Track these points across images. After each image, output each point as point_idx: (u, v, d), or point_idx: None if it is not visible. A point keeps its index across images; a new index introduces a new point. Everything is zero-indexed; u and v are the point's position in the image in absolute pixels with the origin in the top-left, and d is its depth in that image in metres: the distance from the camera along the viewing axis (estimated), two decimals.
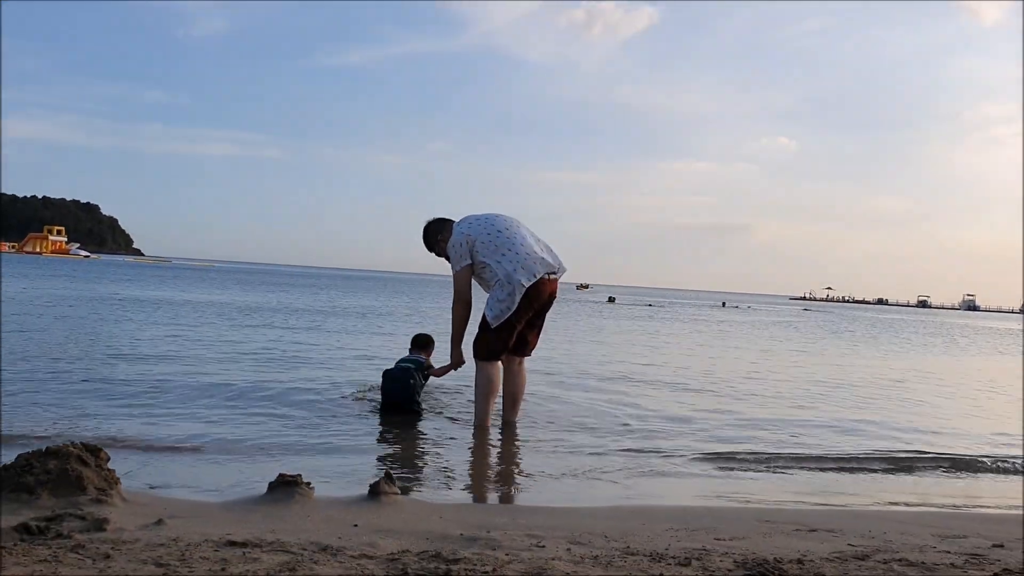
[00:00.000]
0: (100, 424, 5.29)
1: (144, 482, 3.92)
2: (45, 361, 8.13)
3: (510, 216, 5.96)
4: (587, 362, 11.39)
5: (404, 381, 6.17)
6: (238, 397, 6.64)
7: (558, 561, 2.65)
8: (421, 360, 6.46)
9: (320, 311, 21.68)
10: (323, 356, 10.39)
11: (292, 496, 3.62)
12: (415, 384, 6.17)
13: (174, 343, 10.92)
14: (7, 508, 3.17)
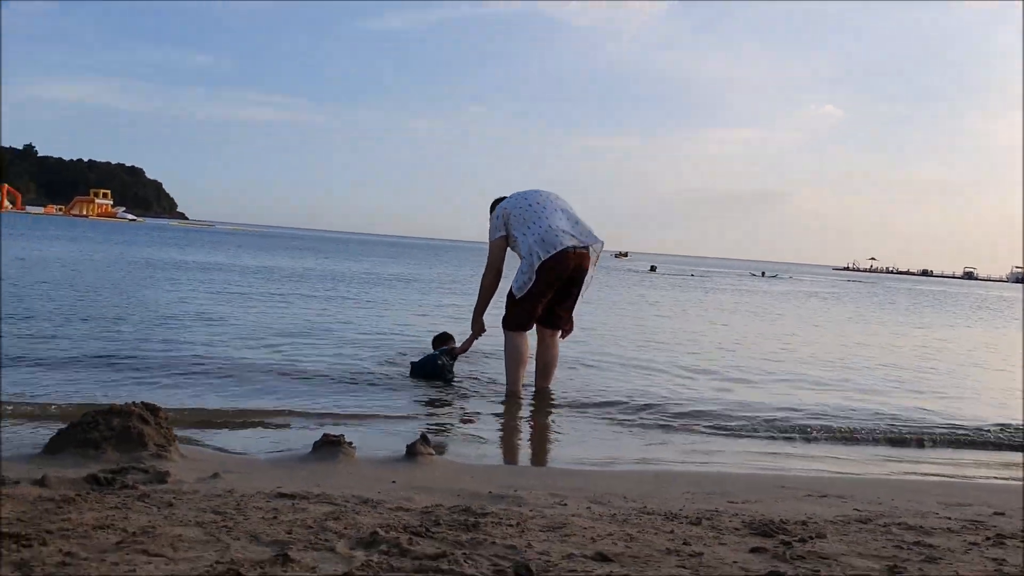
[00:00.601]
0: (146, 391, 5.62)
1: (197, 442, 4.20)
2: (103, 323, 8.51)
3: (550, 192, 6.16)
4: (625, 331, 11.58)
5: (432, 359, 6.45)
6: (280, 364, 6.94)
7: (578, 517, 2.89)
8: (444, 349, 6.68)
9: (360, 278, 22.05)
10: (361, 323, 10.69)
11: (335, 455, 3.90)
12: (443, 363, 6.42)
13: (222, 306, 11.30)
14: (75, 462, 3.47)
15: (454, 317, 11.45)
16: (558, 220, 5.94)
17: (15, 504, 2.63)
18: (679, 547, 2.53)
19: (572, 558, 2.34)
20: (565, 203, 6.16)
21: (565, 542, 2.52)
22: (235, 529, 2.51)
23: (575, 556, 2.36)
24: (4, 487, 2.90)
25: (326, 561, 2.23)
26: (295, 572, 2.09)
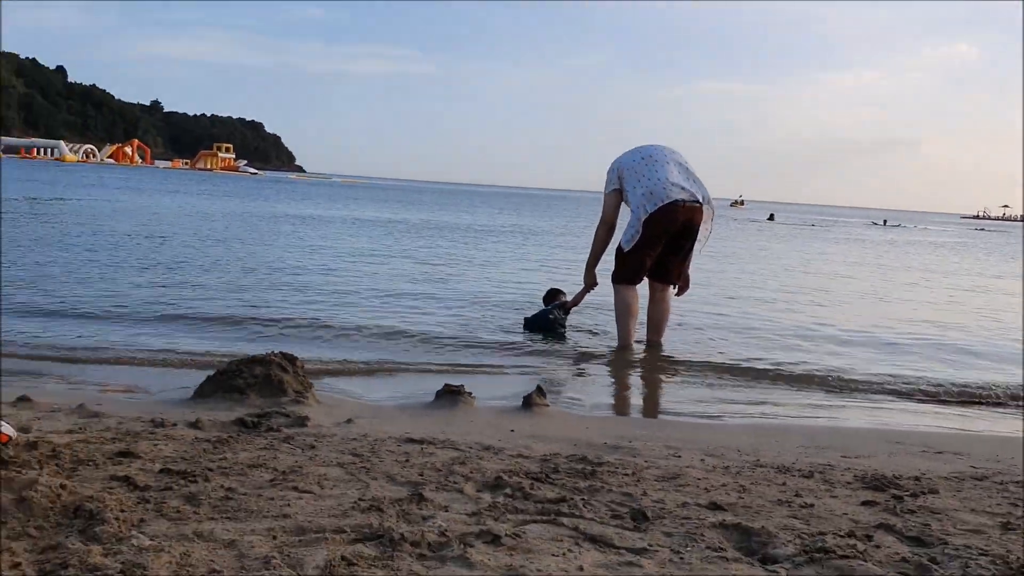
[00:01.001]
0: (276, 344, 5.97)
1: (330, 389, 4.48)
2: (236, 274, 9.01)
3: (666, 146, 6.18)
4: (743, 284, 11.50)
5: (544, 314, 6.58)
6: (399, 317, 7.24)
7: (691, 469, 3.00)
8: (556, 304, 6.78)
9: (474, 230, 22.37)
10: (476, 277, 10.94)
11: (456, 403, 4.11)
12: (555, 317, 6.54)
13: (343, 261, 11.74)
14: (223, 406, 3.78)
15: (568, 271, 11.59)
16: (669, 173, 5.95)
17: (176, 444, 2.91)
18: (791, 498, 2.63)
19: (686, 506, 2.47)
20: (680, 157, 6.16)
21: (679, 491, 2.64)
22: (372, 470, 2.73)
23: (689, 504, 2.49)
24: (164, 429, 3.21)
25: (456, 501, 2.41)
26: (429, 511, 2.29)
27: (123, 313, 6.44)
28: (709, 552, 2.08)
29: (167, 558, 1.77)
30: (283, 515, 2.18)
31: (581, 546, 2.07)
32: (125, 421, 3.30)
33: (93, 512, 2.02)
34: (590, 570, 1.92)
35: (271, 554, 1.88)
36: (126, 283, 8.11)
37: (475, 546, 2.01)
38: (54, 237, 12.45)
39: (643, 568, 1.95)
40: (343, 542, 1.99)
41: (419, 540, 2.00)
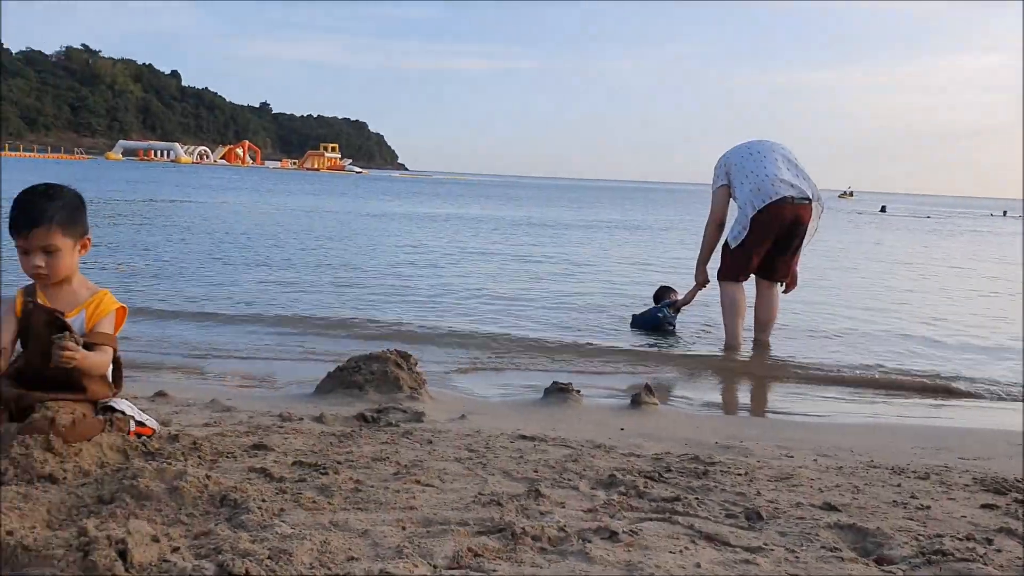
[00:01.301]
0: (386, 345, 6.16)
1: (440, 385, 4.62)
2: (346, 271, 9.31)
3: (775, 142, 6.12)
4: (855, 280, 11.24)
5: (654, 313, 6.58)
6: (505, 313, 7.36)
7: (804, 469, 3.01)
8: (667, 303, 6.76)
9: (578, 226, 22.42)
10: (582, 274, 11.01)
11: (565, 401, 4.20)
12: (664, 316, 6.53)
13: (451, 259, 11.97)
14: (343, 401, 3.96)
15: (675, 269, 11.54)
16: (777, 169, 5.89)
17: (305, 438, 3.08)
18: (906, 500, 2.61)
19: (800, 506, 2.49)
20: (789, 152, 6.08)
21: (793, 492, 2.66)
22: (488, 466, 2.83)
23: (803, 504, 2.50)
24: (291, 423, 3.39)
25: (572, 498, 2.49)
26: (547, 507, 2.37)
27: (243, 311, 6.75)
28: (824, 552, 2.10)
29: (309, 545, 1.90)
30: (410, 507, 2.30)
31: (697, 544, 2.12)
32: (255, 415, 3.49)
33: (237, 501, 2.18)
34: (707, 567, 1.97)
35: (403, 544, 1.99)
36: (244, 282, 8.48)
37: (593, 542, 2.08)
38: (175, 237, 13.08)
39: (759, 566, 1.99)
40: (468, 534, 2.09)
41: (539, 534, 2.09)
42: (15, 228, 2.64)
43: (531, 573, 1.90)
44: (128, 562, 1.74)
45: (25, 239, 2.63)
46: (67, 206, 2.69)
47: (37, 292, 2.74)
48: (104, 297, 2.79)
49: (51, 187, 2.72)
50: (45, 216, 2.62)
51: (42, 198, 2.66)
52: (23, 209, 2.64)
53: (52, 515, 2.07)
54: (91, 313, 2.74)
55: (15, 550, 1.75)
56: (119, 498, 2.13)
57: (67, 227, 2.67)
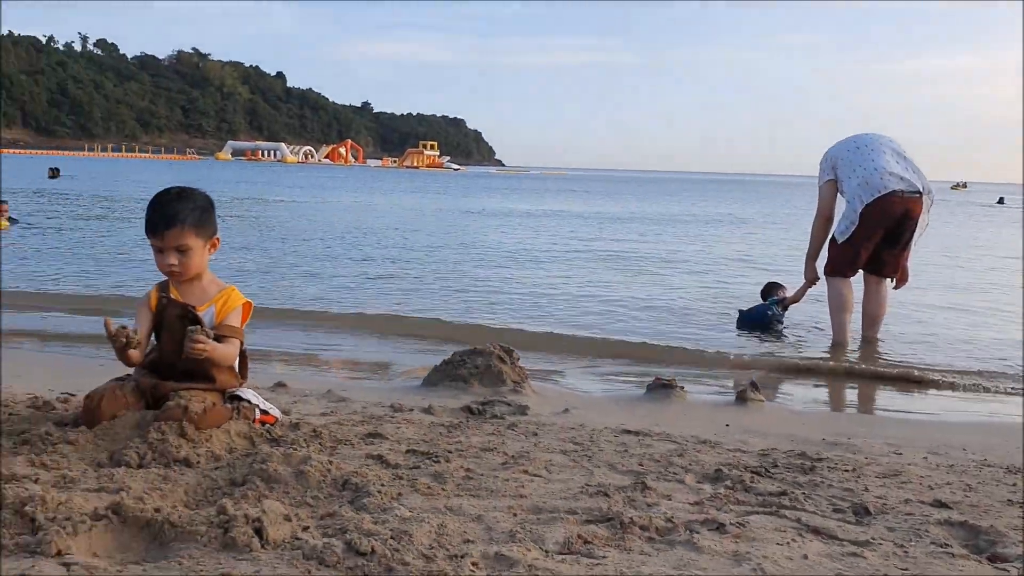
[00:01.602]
0: None
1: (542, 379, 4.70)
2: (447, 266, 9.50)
3: (882, 135, 5.99)
4: (967, 276, 10.88)
5: (762, 310, 6.49)
6: (608, 310, 7.41)
7: (914, 466, 2.97)
8: (774, 300, 6.66)
9: (682, 220, 22.24)
10: (689, 268, 10.95)
11: (669, 396, 4.22)
12: (773, 314, 6.43)
13: (554, 258, 12.07)
14: (450, 394, 4.08)
15: (771, 263, 11.36)
16: (885, 163, 5.76)
17: (416, 428, 3.20)
18: (1022, 499, 2.57)
19: (909, 503, 2.47)
20: (897, 145, 5.95)
21: (902, 488, 2.64)
22: (594, 458, 2.89)
23: (912, 501, 2.49)
24: (402, 413, 3.52)
25: (678, 491, 2.53)
26: (653, 499, 2.42)
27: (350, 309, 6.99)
28: (934, 548, 2.10)
29: (427, 528, 2.00)
30: (519, 495, 2.38)
31: (804, 537, 2.14)
32: (368, 406, 3.64)
33: (358, 486, 2.30)
34: (814, 559, 1.99)
35: (515, 529, 2.07)
36: (350, 278, 8.75)
37: (701, 533, 2.13)
38: (287, 235, 13.55)
39: (867, 560, 2.00)
40: (577, 522, 2.16)
41: (647, 524, 2.15)
42: (151, 228, 2.83)
43: (640, 560, 1.96)
44: (264, 539, 1.87)
45: (160, 239, 2.82)
46: (198, 208, 2.87)
47: (170, 288, 2.93)
48: (232, 293, 2.96)
49: (184, 190, 2.90)
50: (179, 218, 2.80)
51: (176, 200, 2.84)
52: (158, 211, 2.83)
53: (189, 496, 2.22)
54: (220, 307, 2.91)
55: (162, 525, 1.90)
56: (250, 481, 2.27)
57: (198, 228, 2.85)
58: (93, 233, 12.93)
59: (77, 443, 2.57)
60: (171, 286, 2.94)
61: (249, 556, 1.83)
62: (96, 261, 9.50)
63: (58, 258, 9.65)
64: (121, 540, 1.88)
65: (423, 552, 1.89)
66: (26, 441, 2.61)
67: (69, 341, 5.42)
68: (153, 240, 2.86)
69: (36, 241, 11.33)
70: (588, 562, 1.92)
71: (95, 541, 1.85)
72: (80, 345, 5.26)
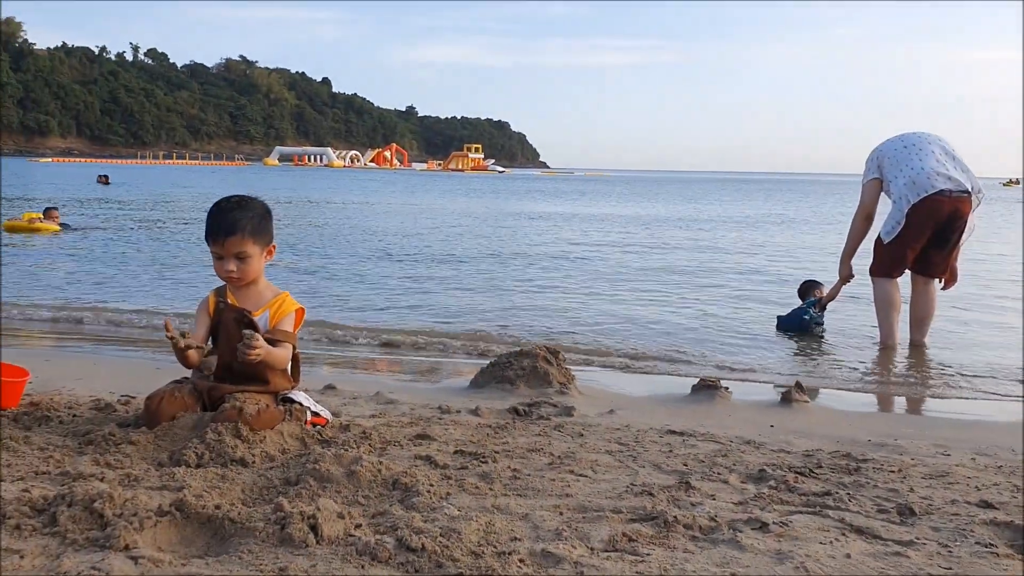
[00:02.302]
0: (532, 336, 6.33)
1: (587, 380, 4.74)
2: (490, 266, 9.57)
3: (931, 134, 5.93)
4: None
5: (798, 315, 6.43)
6: (654, 313, 7.42)
7: (961, 467, 2.97)
8: (812, 301, 6.59)
9: (728, 221, 22.10)
10: (730, 271, 10.90)
11: (713, 397, 4.24)
12: (811, 317, 6.37)
13: (599, 253, 12.10)
14: (497, 395, 4.14)
15: (821, 264, 11.27)
16: (933, 162, 5.70)
17: (463, 430, 3.26)
18: None
19: (955, 503, 2.47)
20: (946, 144, 5.87)
21: (948, 489, 2.64)
22: (639, 458, 2.93)
23: (958, 502, 2.49)
24: (450, 415, 3.59)
25: (722, 491, 2.57)
26: (697, 498, 2.46)
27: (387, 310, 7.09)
28: (979, 548, 2.10)
29: (475, 525, 2.06)
30: (565, 495, 2.43)
31: (847, 536, 2.16)
32: (416, 408, 3.71)
33: (408, 485, 2.36)
34: (857, 558, 2.02)
35: (561, 527, 2.13)
36: (392, 280, 8.87)
37: (744, 531, 2.16)
38: (338, 238, 13.74)
39: (910, 559, 2.02)
40: (621, 521, 2.21)
41: (691, 523, 2.18)
42: (212, 235, 2.94)
43: (683, 558, 1.99)
44: (319, 535, 1.94)
45: (220, 246, 2.92)
46: (256, 216, 2.97)
47: (227, 293, 3.03)
48: (286, 298, 3.05)
49: (243, 199, 3.00)
50: (238, 226, 2.90)
51: (236, 209, 2.94)
52: (219, 219, 2.93)
53: (246, 494, 2.31)
54: (274, 312, 3.01)
55: (222, 521, 1.99)
56: (303, 480, 2.35)
57: (256, 236, 2.95)
58: (145, 238, 13.24)
59: (139, 443, 2.68)
60: (228, 291, 3.04)
61: (305, 551, 1.91)
62: (144, 269, 9.75)
63: (112, 265, 9.92)
64: (184, 535, 1.97)
65: (471, 549, 1.95)
66: (90, 441, 2.72)
67: (124, 344, 5.58)
68: (213, 247, 2.96)
69: (86, 246, 11.65)
70: (632, 559, 1.97)
71: (160, 536, 1.94)
72: (139, 348, 5.42)
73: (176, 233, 14.49)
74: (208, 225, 2.95)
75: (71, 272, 9.07)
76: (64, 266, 9.55)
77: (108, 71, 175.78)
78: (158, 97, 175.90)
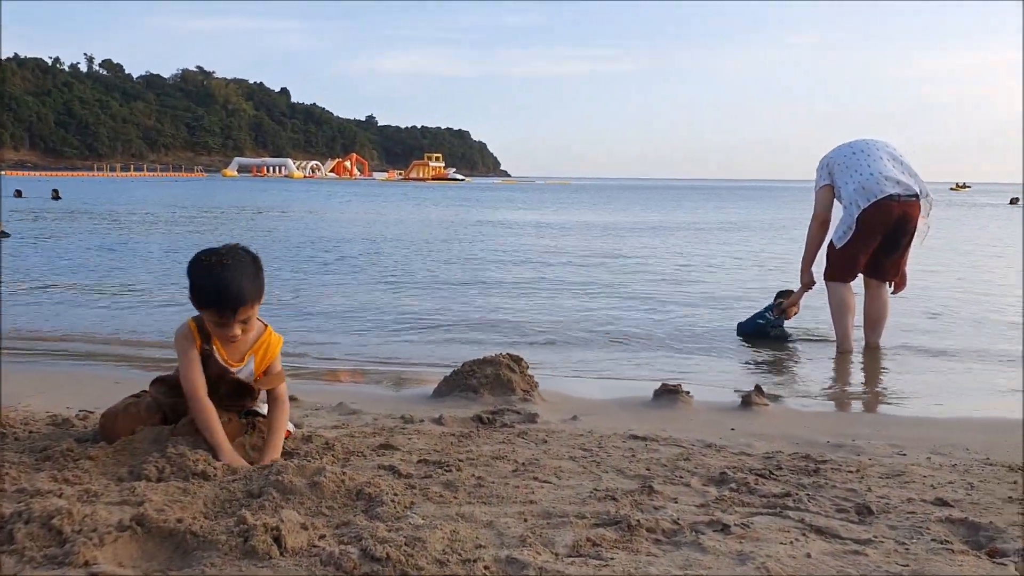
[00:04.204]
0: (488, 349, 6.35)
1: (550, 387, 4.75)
2: (453, 274, 9.57)
3: (879, 140, 6.03)
4: (976, 283, 10.91)
5: (753, 320, 6.51)
6: (613, 321, 7.47)
7: (917, 467, 3.03)
8: (770, 305, 6.65)
9: (685, 228, 22.29)
10: (689, 278, 11.00)
11: (675, 402, 4.28)
12: (767, 321, 6.44)
13: (562, 262, 12.13)
14: (460, 403, 4.14)
15: (779, 269, 11.40)
16: (882, 167, 5.80)
17: (427, 439, 3.26)
18: (1022, 496, 2.62)
19: (911, 502, 2.52)
20: (894, 150, 5.99)
21: (904, 488, 2.70)
22: (603, 463, 2.95)
23: (914, 500, 2.54)
24: (413, 424, 3.58)
25: (684, 494, 2.59)
26: (660, 502, 2.48)
27: (354, 319, 7.06)
28: (934, 544, 2.15)
29: (440, 534, 2.06)
30: (529, 501, 2.45)
31: (808, 536, 2.20)
32: (379, 418, 3.70)
33: (372, 495, 2.36)
34: (817, 557, 2.05)
35: (525, 534, 2.14)
36: (366, 291, 8.83)
37: (706, 534, 2.18)
38: (314, 253, 13.64)
39: (868, 557, 2.06)
40: (586, 526, 2.22)
41: (654, 527, 2.20)
42: (219, 310, 2.73)
43: (647, 561, 2.01)
44: (283, 547, 1.94)
45: (227, 318, 2.76)
46: (257, 277, 2.81)
47: (212, 339, 2.86)
48: (270, 337, 2.94)
49: (233, 254, 2.78)
50: (246, 297, 2.74)
51: (234, 273, 2.73)
52: (223, 291, 2.72)
53: (208, 507, 2.29)
54: (260, 358, 2.91)
55: (185, 535, 1.97)
56: (266, 492, 2.34)
57: (259, 296, 2.81)
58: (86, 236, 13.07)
59: (97, 458, 2.64)
60: (213, 337, 2.88)
61: (269, 563, 1.90)
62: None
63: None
64: (146, 550, 1.95)
65: (436, 557, 1.95)
66: (48, 457, 2.68)
67: (82, 357, 5.49)
68: (218, 318, 2.77)
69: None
70: (596, 563, 1.98)
71: (120, 551, 1.92)
72: (97, 363, 5.34)
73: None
74: (208, 297, 2.74)
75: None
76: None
77: (62, 82, 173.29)
78: (113, 108, 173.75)
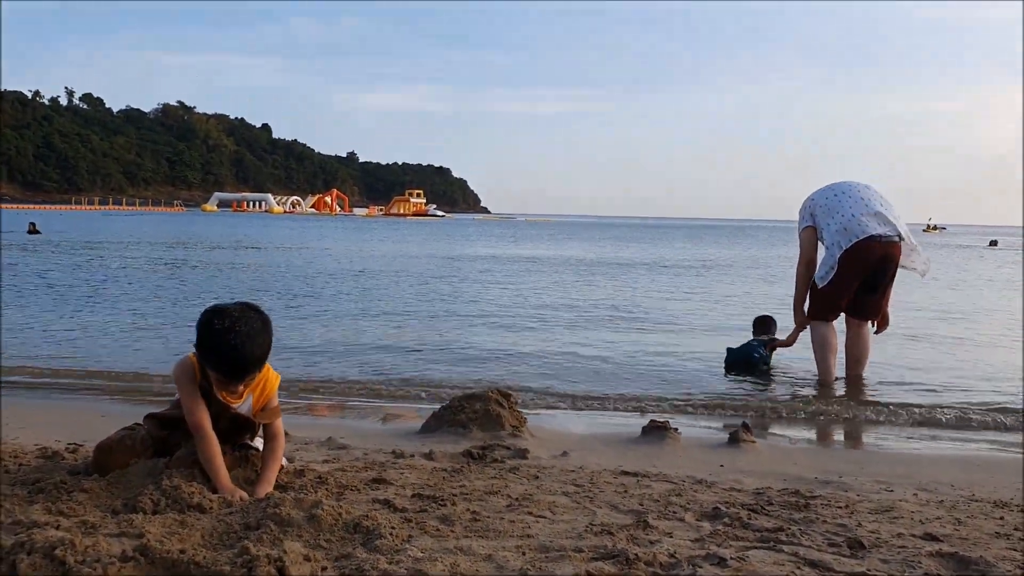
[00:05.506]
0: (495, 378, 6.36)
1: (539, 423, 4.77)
2: (434, 308, 9.58)
3: (861, 182, 6.14)
4: (970, 320, 11.04)
5: (748, 353, 6.59)
6: (594, 353, 7.50)
7: (904, 502, 3.07)
8: (764, 340, 6.74)
9: (663, 265, 22.43)
10: (669, 312, 11.06)
11: (663, 438, 4.30)
12: (760, 357, 6.53)
13: (540, 298, 12.18)
14: (449, 439, 4.15)
15: (761, 305, 11.48)
16: (863, 208, 5.90)
17: (419, 473, 3.27)
18: (1010, 532, 2.66)
19: (901, 537, 2.56)
20: (876, 193, 6.10)
21: (894, 523, 2.73)
22: (596, 499, 2.97)
23: (904, 535, 2.58)
24: (404, 459, 3.59)
25: (678, 529, 2.62)
26: (656, 536, 2.50)
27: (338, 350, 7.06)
28: None
29: (441, 567, 2.08)
30: (526, 535, 2.46)
31: (802, 569, 2.23)
32: (369, 452, 3.71)
33: (370, 528, 2.37)
34: None
35: (525, 567, 2.15)
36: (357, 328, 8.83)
37: (703, 567, 2.21)
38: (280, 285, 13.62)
39: None
40: (584, 559, 2.24)
41: (652, 560, 2.22)
42: (233, 377, 2.77)
43: None
44: None
45: (236, 384, 2.80)
46: (267, 341, 2.82)
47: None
48: (268, 375, 2.95)
49: (245, 319, 2.77)
50: (260, 364, 2.80)
51: (248, 345, 2.73)
52: (235, 362, 2.74)
53: (206, 539, 2.29)
54: (257, 396, 2.92)
55: (188, 566, 1.97)
56: (264, 524, 2.34)
57: (267, 358, 2.85)
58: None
59: (91, 491, 2.64)
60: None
61: None
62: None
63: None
64: None
65: None
66: (41, 490, 2.67)
67: (66, 391, 5.46)
68: (230, 385, 2.81)
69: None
70: None
71: None
72: (82, 396, 5.30)
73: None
74: (218, 365, 2.74)
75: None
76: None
77: (42, 116, 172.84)
78: (94, 142, 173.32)
